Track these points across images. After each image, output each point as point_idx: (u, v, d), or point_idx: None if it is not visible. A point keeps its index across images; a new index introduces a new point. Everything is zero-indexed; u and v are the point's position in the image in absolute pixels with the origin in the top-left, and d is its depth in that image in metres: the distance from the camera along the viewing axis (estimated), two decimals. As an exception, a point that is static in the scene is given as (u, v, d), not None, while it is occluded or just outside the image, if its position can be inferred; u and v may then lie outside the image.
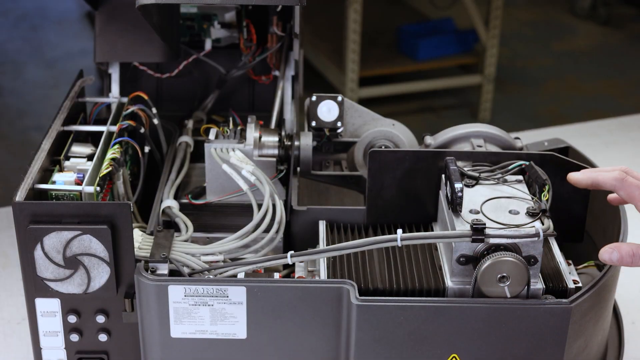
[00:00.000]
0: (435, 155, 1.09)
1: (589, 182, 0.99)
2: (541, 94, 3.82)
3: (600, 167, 1.02)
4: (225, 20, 1.35)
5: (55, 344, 1.03)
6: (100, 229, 0.96)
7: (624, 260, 0.95)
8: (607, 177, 0.97)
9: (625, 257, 0.95)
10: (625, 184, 0.96)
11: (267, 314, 0.98)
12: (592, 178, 0.99)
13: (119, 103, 1.25)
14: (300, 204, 1.15)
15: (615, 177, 0.97)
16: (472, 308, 0.95)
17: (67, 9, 4.63)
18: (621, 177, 0.97)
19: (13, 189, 1.00)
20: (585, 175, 0.99)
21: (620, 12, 4.64)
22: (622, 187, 0.97)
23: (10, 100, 3.69)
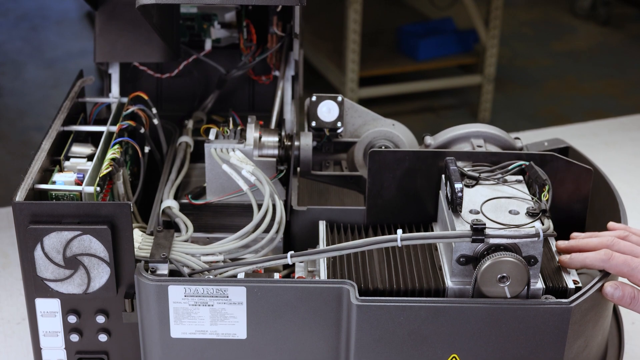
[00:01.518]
0: (435, 155, 1.09)
1: (578, 266, 1.01)
2: (541, 94, 3.82)
3: (586, 240, 1.02)
4: (225, 20, 1.35)
5: (55, 344, 1.03)
6: (100, 229, 0.96)
7: (624, 300, 0.97)
8: (594, 259, 0.99)
9: (627, 297, 0.97)
10: (612, 263, 0.98)
11: (267, 314, 0.98)
12: (581, 262, 1.00)
13: (119, 103, 1.25)
14: (300, 204, 1.15)
15: (602, 258, 0.98)
16: (472, 308, 0.95)
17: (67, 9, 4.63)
18: (607, 257, 0.98)
19: (13, 189, 1.00)
20: (572, 259, 1.01)
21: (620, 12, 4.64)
22: (610, 267, 0.98)
23: (10, 100, 3.69)
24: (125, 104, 1.24)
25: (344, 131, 1.24)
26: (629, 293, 0.97)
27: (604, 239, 1.01)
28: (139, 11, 1.09)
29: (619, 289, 0.97)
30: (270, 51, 1.33)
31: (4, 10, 4.59)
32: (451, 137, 1.18)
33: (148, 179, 1.23)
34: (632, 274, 0.97)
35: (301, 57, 1.31)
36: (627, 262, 0.97)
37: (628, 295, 0.97)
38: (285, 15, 1.33)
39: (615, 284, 0.97)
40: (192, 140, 1.27)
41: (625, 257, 0.98)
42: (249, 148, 1.15)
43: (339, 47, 3.48)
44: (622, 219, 1.10)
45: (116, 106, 1.24)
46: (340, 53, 3.46)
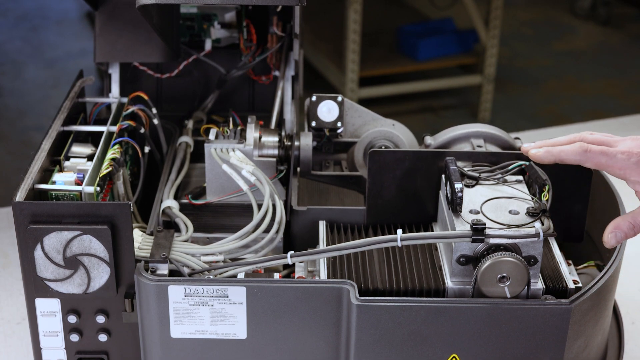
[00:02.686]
0: (435, 155, 1.09)
1: (552, 160, 0.99)
2: (541, 94, 3.82)
3: (557, 139, 1.01)
4: (225, 21, 1.35)
5: (55, 344, 1.03)
6: (100, 229, 0.96)
7: (628, 235, 0.96)
8: (570, 152, 0.97)
9: (628, 231, 0.96)
10: (590, 155, 0.96)
11: (267, 314, 0.98)
12: (554, 155, 0.98)
13: (119, 103, 1.25)
14: (300, 204, 1.15)
15: (577, 150, 0.97)
16: (472, 308, 0.95)
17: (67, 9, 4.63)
18: (583, 150, 0.97)
19: (13, 189, 1.00)
20: (547, 152, 0.99)
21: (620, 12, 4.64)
22: (586, 159, 0.97)
23: (10, 100, 3.69)
24: (125, 104, 1.24)
25: (344, 131, 1.24)
26: (627, 226, 0.95)
27: (572, 136, 0.99)
28: (139, 11, 1.09)
29: (617, 231, 0.96)
30: (270, 51, 1.33)
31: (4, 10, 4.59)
32: (451, 137, 1.19)
33: (148, 179, 1.23)
34: (610, 164, 0.96)
35: (301, 57, 1.31)
36: (604, 152, 0.96)
37: (628, 228, 0.95)
38: (285, 15, 1.33)
39: (610, 232, 0.96)
40: (192, 140, 1.27)
41: (601, 147, 0.96)
42: (249, 148, 1.15)
43: (339, 47, 3.48)
44: (622, 219, 1.10)
45: (116, 106, 1.24)
46: (340, 53, 3.46)
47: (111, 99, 1.27)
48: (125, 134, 1.20)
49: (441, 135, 1.19)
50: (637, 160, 0.95)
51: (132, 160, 1.24)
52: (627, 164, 0.95)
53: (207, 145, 1.15)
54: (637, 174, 0.95)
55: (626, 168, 0.95)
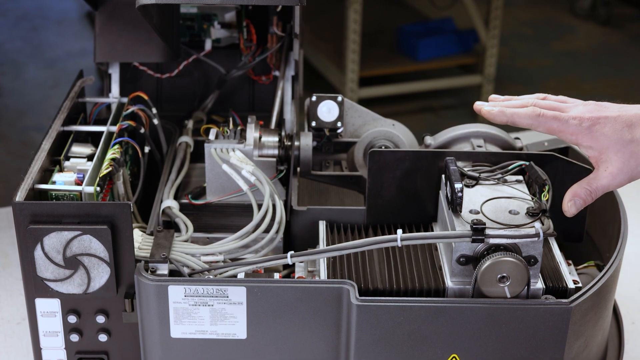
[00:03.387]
0: (435, 155, 1.09)
1: (504, 120, 0.98)
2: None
3: (510, 100, 1.01)
4: (225, 20, 1.35)
5: (55, 344, 1.03)
6: (100, 229, 0.96)
7: (586, 201, 0.96)
8: (523, 115, 0.97)
9: (586, 197, 0.96)
10: (542, 120, 0.96)
11: (267, 314, 0.98)
12: (507, 117, 0.98)
13: (119, 103, 1.25)
14: (300, 204, 1.15)
15: (530, 114, 0.97)
16: (472, 308, 0.95)
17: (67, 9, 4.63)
18: (536, 114, 0.97)
19: (13, 189, 1.00)
20: (500, 112, 0.99)
21: (620, 12, 4.64)
22: (538, 123, 0.97)
23: (10, 100, 3.69)
24: (125, 104, 1.24)
25: (344, 131, 1.24)
26: (585, 192, 0.96)
27: (526, 99, 0.99)
28: (139, 11, 1.09)
29: (576, 199, 0.96)
30: (270, 51, 1.33)
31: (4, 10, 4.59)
32: (451, 137, 1.19)
33: (148, 179, 1.23)
34: (562, 129, 0.96)
35: (301, 57, 1.31)
36: (556, 117, 0.96)
37: (585, 194, 0.96)
38: (285, 15, 1.33)
39: (568, 202, 0.96)
40: (192, 140, 1.27)
41: (553, 112, 0.96)
42: (249, 148, 1.15)
43: (339, 47, 3.48)
44: (622, 219, 1.10)
45: (116, 106, 1.24)
46: (340, 53, 3.46)
47: (111, 99, 1.27)
48: (125, 134, 1.20)
49: (441, 135, 1.19)
50: (589, 125, 0.95)
51: (132, 160, 1.24)
52: (578, 129, 0.95)
53: (207, 145, 1.15)
54: (588, 139, 0.95)
55: (578, 133, 0.95)
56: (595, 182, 0.96)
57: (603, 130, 0.94)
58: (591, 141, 0.95)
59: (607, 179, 0.95)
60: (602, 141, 0.94)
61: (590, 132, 0.95)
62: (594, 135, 0.95)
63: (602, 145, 0.95)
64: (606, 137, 0.94)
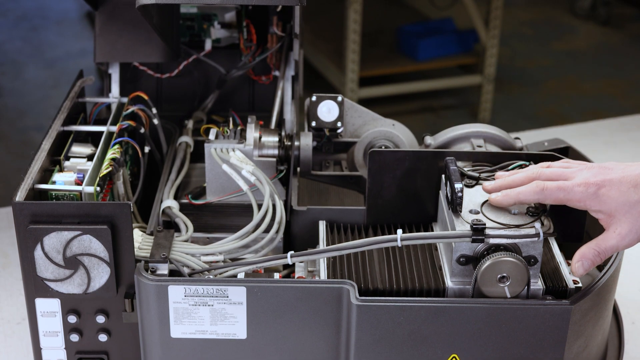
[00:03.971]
0: (435, 155, 1.09)
1: (511, 202, 0.99)
2: (541, 94, 3.82)
3: (514, 177, 1.01)
4: (225, 20, 1.35)
5: (55, 344, 1.03)
6: (100, 229, 0.96)
7: (594, 262, 0.96)
8: (528, 193, 0.97)
9: (594, 258, 0.96)
10: (547, 193, 0.96)
11: (267, 314, 0.98)
12: (513, 199, 0.98)
13: (119, 103, 1.25)
14: (300, 204, 1.15)
15: (535, 190, 0.97)
16: (472, 308, 0.95)
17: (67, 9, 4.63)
18: (540, 189, 0.97)
19: (13, 189, 1.00)
20: (505, 196, 0.99)
21: (620, 12, 4.64)
22: (545, 197, 0.97)
23: (10, 100, 3.69)
24: (125, 104, 1.24)
25: (344, 131, 1.24)
26: (592, 254, 0.96)
27: (529, 172, 0.99)
28: (139, 11, 1.09)
29: (584, 260, 0.96)
30: (270, 51, 1.33)
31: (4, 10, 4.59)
32: (451, 137, 1.19)
33: (148, 179, 1.23)
34: (568, 198, 0.96)
35: (301, 57, 1.31)
36: (560, 188, 0.96)
37: (593, 255, 0.96)
38: (285, 15, 1.33)
39: (576, 262, 0.96)
40: (192, 140, 1.27)
41: (557, 183, 0.96)
42: (249, 148, 1.15)
43: (339, 47, 3.48)
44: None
45: (116, 106, 1.24)
46: (340, 53, 3.46)
47: (111, 99, 1.27)
48: (125, 134, 1.20)
49: (441, 135, 1.19)
50: (595, 190, 0.95)
51: (132, 160, 1.24)
52: (585, 196, 0.95)
53: (207, 145, 1.15)
54: (596, 204, 0.95)
55: (585, 200, 0.95)
56: (604, 244, 0.96)
57: (609, 194, 0.94)
58: (599, 205, 0.95)
59: (615, 240, 0.95)
60: (609, 204, 0.95)
61: (597, 196, 0.95)
62: (601, 200, 0.95)
63: (610, 209, 0.95)
64: (613, 200, 0.94)
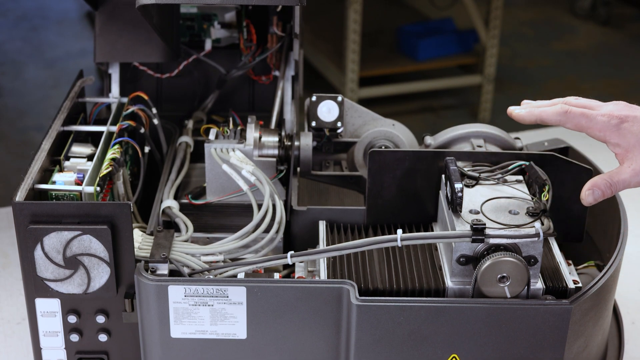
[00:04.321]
0: (435, 155, 1.09)
1: (533, 119, 0.99)
2: (541, 94, 3.81)
3: (541, 102, 1.02)
4: (225, 20, 1.35)
5: (55, 344, 1.03)
6: (100, 229, 0.96)
7: (605, 193, 0.96)
8: (551, 113, 0.98)
9: (605, 189, 0.96)
10: (570, 116, 0.97)
11: (267, 314, 0.98)
12: (536, 115, 0.99)
13: (119, 103, 1.25)
14: (300, 204, 1.16)
15: (558, 111, 0.97)
16: (472, 308, 0.95)
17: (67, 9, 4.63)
18: (564, 111, 0.97)
19: (13, 189, 1.00)
20: (529, 113, 0.99)
21: (620, 12, 4.64)
22: (567, 120, 0.97)
23: (10, 100, 3.69)
24: (125, 104, 1.24)
25: (344, 131, 1.24)
26: (604, 184, 0.96)
27: (556, 99, 1.00)
28: (139, 11, 1.09)
29: (595, 190, 0.96)
30: (270, 51, 1.33)
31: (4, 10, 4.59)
32: (451, 137, 1.19)
33: (148, 179, 1.23)
34: (590, 125, 0.96)
35: (301, 57, 1.31)
36: (584, 114, 0.96)
37: (605, 186, 0.96)
38: (285, 15, 1.33)
39: (587, 190, 0.96)
40: (192, 140, 1.27)
41: (582, 109, 0.97)
42: (249, 148, 1.15)
43: (339, 47, 3.48)
44: (622, 218, 1.10)
45: (116, 106, 1.24)
46: (340, 53, 3.46)
47: (111, 99, 1.27)
48: (125, 134, 1.20)
49: (441, 135, 1.19)
50: (617, 122, 0.95)
51: (132, 160, 1.24)
52: (606, 126, 0.95)
53: (207, 145, 1.15)
54: (616, 136, 0.95)
55: (606, 130, 0.96)
56: (617, 176, 0.96)
57: (631, 129, 0.95)
58: (618, 138, 0.95)
59: (628, 174, 0.95)
60: (629, 139, 0.95)
61: (618, 129, 0.95)
62: (621, 133, 0.95)
63: (629, 143, 0.95)
64: (634, 136, 0.95)
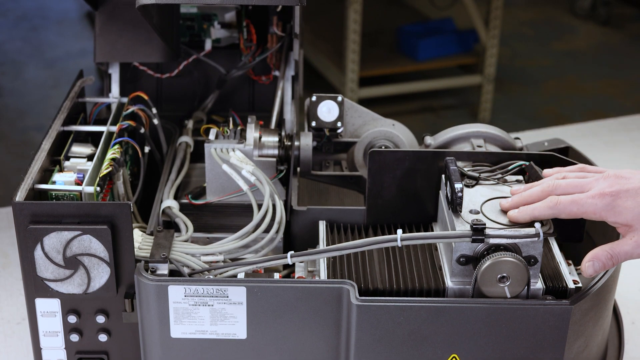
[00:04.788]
0: (435, 155, 1.09)
1: (527, 219, 0.98)
2: (541, 94, 3.82)
3: (530, 191, 1.00)
4: (225, 20, 1.35)
5: (55, 344, 1.03)
6: (100, 229, 0.96)
7: (606, 265, 0.95)
8: (542, 208, 0.96)
9: (606, 261, 0.95)
10: (561, 207, 0.95)
11: (267, 314, 0.98)
12: (529, 215, 0.97)
13: (119, 103, 1.25)
14: (300, 204, 1.15)
15: (549, 205, 0.96)
16: (472, 308, 0.95)
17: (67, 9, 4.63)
18: (554, 203, 0.96)
19: (13, 189, 1.00)
20: (522, 212, 0.98)
21: (620, 12, 4.64)
22: (559, 212, 0.96)
23: (10, 100, 3.69)
24: (125, 104, 1.24)
25: (344, 131, 1.24)
26: (605, 256, 0.94)
27: (545, 185, 0.99)
28: (139, 11, 1.09)
29: (595, 261, 0.94)
30: (270, 51, 1.33)
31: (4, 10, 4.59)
32: (451, 137, 1.19)
33: (148, 179, 1.23)
34: (582, 211, 0.95)
35: (301, 57, 1.31)
36: (574, 201, 0.95)
37: (605, 258, 0.94)
38: (285, 15, 1.33)
39: (588, 262, 0.94)
40: (192, 140, 1.27)
41: (571, 196, 0.95)
42: (249, 148, 1.15)
43: (339, 47, 3.48)
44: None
45: (116, 106, 1.24)
46: (340, 53, 3.46)
47: (111, 99, 1.27)
48: (125, 134, 1.20)
49: (441, 135, 1.19)
50: (609, 201, 0.94)
51: (132, 160, 1.24)
52: (599, 208, 0.94)
53: (207, 145, 1.15)
54: (612, 215, 0.94)
55: (600, 211, 0.94)
56: (618, 248, 0.94)
57: (625, 205, 0.93)
58: (615, 217, 0.94)
59: (630, 246, 0.94)
60: (625, 215, 0.93)
61: (612, 208, 0.94)
62: (616, 211, 0.93)
63: (626, 219, 0.93)
64: (629, 211, 0.93)
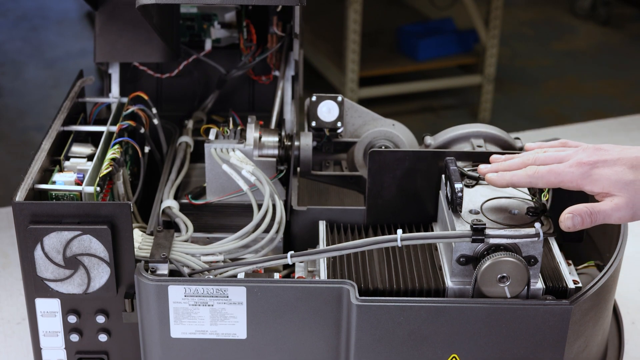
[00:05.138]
0: (435, 155, 1.09)
1: (504, 184, 0.98)
2: (541, 94, 3.82)
3: (512, 161, 1.00)
4: (225, 20, 1.35)
5: (55, 344, 1.03)
6: (100, 229, 0.96)
7: (584, 221, 0.94)
8: (521, 176, 0.97)
9: (585, 217, 0.94)
10: (539, 176, 0.96)
11: (267, 314, 0.98)
12: (507, 180, 0.98)
13: (119, 103, 1.25)
14: (300, 204, 1.16)
15: (528, 174, 0.96)
16: (472, 308, 0.95)
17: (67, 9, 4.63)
18: (532, 172, 0.96)
19: (13, 189, 1.00)
20: (500, 177, 0.98)
21: (620, 12, 4.64)
22: (537, 181, 0.96)
23: (10, 100, 3.69)
24: (125, 104, 1.24)
25: (344, 131, 1.24)
26: (584, 212, 0.94)
27: (525, 157, 0.99)
28: (139, 11, 1.09)
29: (576, 216, 0.94)
30: (270, 51, 1.33)
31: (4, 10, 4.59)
32: (451, 137, 1.19)
33: (148, 179, 1.23)
34: (560, 180, 0.95)
35: (301, 57, 1.31)
36: (552, 170, 0.95)
37: (585, 214, 0.94)
38: (285, 15, 1.33)
39: (568, 214, 0.94)
40: (192, 140, 1.27)
41: (549, 166, 0.96)
42: (249, 148, 1.15)
43: (339, 47, 3.48)
44: (622, 219, 1.10)
45: (116, 106, 1.24)
46: (340, 53, 3.46)
47: (111, 99, 1.27)
48: (125, 134, 1.20)
49: (441, 135, 1.19)
50: (587, 170, 0.94)
51: (132, 160, 1.24)
52: (577, 177, 0.94)
53: (207, 145, 1.15)
54: (588, 183, 0.94)
55: (577, 180, 0.94)
56: (597, 207, 0.94)
57: (602, 172, 0.93)
58: (592, 185, 0.94)
59: (609, 207, 0.93)
60: (602, 183, 0.93)
61: (590, 176, 0.94)
62: (593, 179, 0.94)
63: (603, 187, 0.93)
64: (606, 179, 0.93)
